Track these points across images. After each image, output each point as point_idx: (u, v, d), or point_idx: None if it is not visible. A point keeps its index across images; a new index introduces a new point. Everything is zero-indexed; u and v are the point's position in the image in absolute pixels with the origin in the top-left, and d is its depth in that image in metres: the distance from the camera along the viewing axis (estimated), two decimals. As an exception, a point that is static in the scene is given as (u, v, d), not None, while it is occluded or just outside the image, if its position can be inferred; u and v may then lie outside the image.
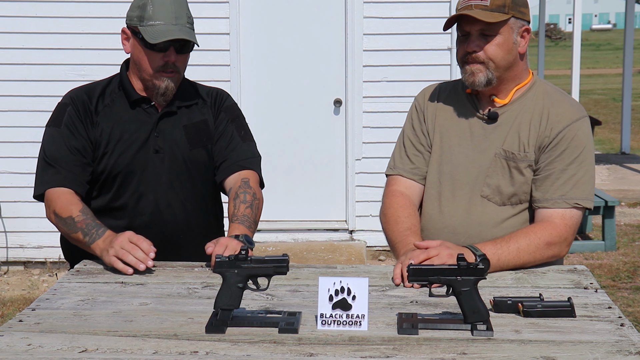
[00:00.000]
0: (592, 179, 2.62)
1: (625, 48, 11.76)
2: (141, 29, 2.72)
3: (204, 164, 2.89)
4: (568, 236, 2.57)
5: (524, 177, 2.62)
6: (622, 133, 12.19)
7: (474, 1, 2.57)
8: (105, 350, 1.89)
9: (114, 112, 2.84)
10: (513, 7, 2.57)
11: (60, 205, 2.71)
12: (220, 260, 2.05)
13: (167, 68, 2.76)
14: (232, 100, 3.02)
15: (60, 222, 2.71)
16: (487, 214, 2.64)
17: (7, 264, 6.61)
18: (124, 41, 2.82)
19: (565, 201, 2.57)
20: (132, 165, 2.81)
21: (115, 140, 2.80)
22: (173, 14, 2.74)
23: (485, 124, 2.68)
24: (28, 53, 6.43)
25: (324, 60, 6.61)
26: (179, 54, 2.78)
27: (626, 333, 1.98)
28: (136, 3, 2.77)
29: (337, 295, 2.02)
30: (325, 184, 6.75)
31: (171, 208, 2.85)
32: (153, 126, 2.83)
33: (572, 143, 2.59)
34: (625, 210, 8.60)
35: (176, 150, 2.84)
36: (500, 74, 2.61)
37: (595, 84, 24.12)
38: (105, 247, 2.55)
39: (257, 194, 2.82)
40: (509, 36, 2.59)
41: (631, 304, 5.60)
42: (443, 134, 2.73)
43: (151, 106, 2.84)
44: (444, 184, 2.71)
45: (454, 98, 2.76)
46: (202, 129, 2.89)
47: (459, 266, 2.01)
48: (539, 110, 2.64)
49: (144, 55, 2.75)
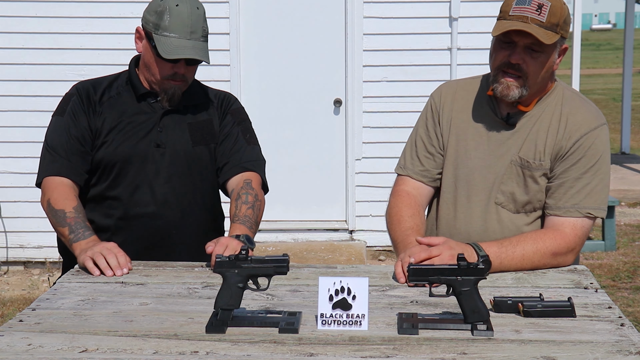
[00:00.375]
0: (606, 188, 2.58)
1: (625, 48, 11.75)
2: (155, 37, 2.72)
3: (205, 162, 2.89)
4: (576, 246, 2.55)
5: (539, 185, 2.59)
6: (622, 133, 12.18)
7: (529, 12, 2.44)
8: (106, 350, 1.89)
9: (119, 103, 2.85)
10: (564, 26, 2.49)
11: (56, 196, 2.72)
12: (221, 260, 2.05)
13: (176, 78, 2.78)
14: (239, 104, 3.03)
15: (51, 212, 2.72)
16: (502, 222, 2.62)
17: (7, 264, 6.61)
18: (137, 40, 2.82)
19: (578, 210, 2.55)
20: (131, 156, 2.81)
21: (116, 130, 2.81)
22: (189, 28, 2.71)
23: (503, 129, 2.63)
24: (28, 53, 6.42)
25: (324, 60, 6.61)
26: (188, 66, 2.79)
27: (626, 333, 1.98)
28: (154, 6, 2.75)
29: (337, 295, 2.02)
30: (325, 184, 6.75)
31: (167, 203, 2.83)
32: (157, 120, 2.84)
33: (589, 152, 2.55)
34: (625, 210, 8.60)
35: (178, 146, 2.84)
36: (532, 89, 2.55)
37: (595, 84, 24.11)
38: (85, 248, 2.57)
39: (259, 196, 2.82)
40: (552, 55, 2.52)
41: (631, 304, 5.60)
42: (459, 136, 2.69)
43: (157, 101, 2.86)
44: (460, 188, 2.68)
45: (472, 98, 2.71)
46: (207, 128, 2.89)
47: (459, 266, 2.00)
48: (557, 116, 2.59)
49: (154, 62, 2.77)
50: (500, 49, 2.53)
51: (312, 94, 6.66)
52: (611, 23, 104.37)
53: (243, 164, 2.88)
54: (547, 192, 2.60)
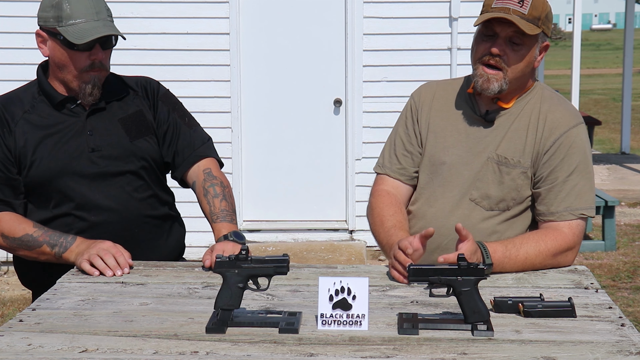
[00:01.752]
0: (593, 187, 2.61)
1: (625, 48, 11.76)
2: (61, 29, 2.58)
3: (148, 154, 2.77)
4: (575, 245, 2.56)
5: (515, 183, 2.60)
6: (622, 133, 12.19)
7: (512, 5, 2.50)
8: (106, 350, 1.88)
9: (36, 117, 2.68)
10: (545, 21, 2.54)
11: (8, 227, 2.61)
12: (221, 260, 2.05)
13: (94, 67, 2.64)
14: (164, 87, 2.90)
15: (14, 243, 2.61)
16: (472, 218, 2.63)
17: (7, 264, 6.60)
18: (40, 44, 2.66)
19: (571, 212, 2.56)
20: (68, 168, 2.66)
21: (43, 146, 2.66)
22: (93, 9, 2.59)
23: (482, 126, 2.66)
24: (28, 53, 6.41)
25: (324, 60, 6.61)
26: (104, 50, 2.65)
27: (627, 333, 1.98)
28: (48, 2, 2.61)
29: (338, 295, 2.02)
30: (325, 184, 6.75)
31: (122, 203, 2.72)
32: (83, 124, 2.70)
33: (570, 150, 2.57)
34: (625, 210, 8.59)
35: (116, 145, 2.71)
36: (512, 84, 2.58)
37: (595, 84, 24.11)
38: (80, 251, 2.53)
39: (223, 182, 2.79)
40: (533, 50, 2.56)
41: (631, 304, 5.60)
42: (438, 134, 2.71)
43: (77, 105, 2.70)
44: (436, 184, 2.69)
45: (452, 97, 2.74)
46: (140, 120, 2.77)
47: (459, 266, 2.01)
48: (537, 114, 2.62)
49: (67, 57, 2.61)
50: (482, 41, 2.57)
51: (312, 94, 6.65)
52: (611, 23, 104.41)
53: (195, 152, 2.80)
54: (537, 198, 2.61)
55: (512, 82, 2.57)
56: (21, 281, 2.88)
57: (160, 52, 6.40)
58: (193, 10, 6.47)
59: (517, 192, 2.61)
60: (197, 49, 6.45)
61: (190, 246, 3.22)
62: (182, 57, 6.41)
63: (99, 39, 2.60)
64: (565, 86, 8.06)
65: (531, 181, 2.61)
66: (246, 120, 6.61)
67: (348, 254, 6.38)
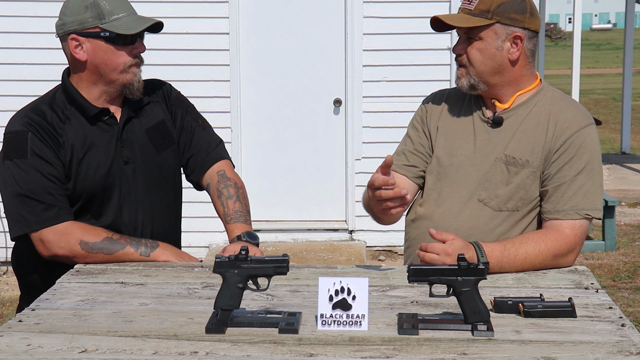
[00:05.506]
0: (600, 188, 2.61)
1: (626, 48, 11.76)
2: (106, 25, 2.58)
3: (172, 167, 2.82)
4: (576, 246, 2.56)
5: (523, 183, 2.60)
6: (622, 133, 12.19)
7: (465, 4, 2.62)
8: (105, 351, 1.88)
9: (74, 129, 2.66)
10: (500, 13, 2.56)
11: (87, 233, 2.60)
12: (220, 261, 2.05)
13: (137, 60, 2.66)
14: (175, 89, 2.91)
15: (95, 247, 2.59)
16: (480, 218, 2.63)
17: (7, 264, 6.60)
18: (76, 50, 2.61)
19: (577, 212, 2.55)
20: (107, 182, 2.68)
21: (86, 158, 2.65)
22: (126, 4, 2.65)
23: (490, 127, 2.67)
24: (28, 53, 6.42)
25: (323, 60, 6.61)
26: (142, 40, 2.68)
27: (627, 333, 1.98)
28: (78, 5, 2.60)
29: (337, 295, 2.02)
30: (325, 184, 6.75)
31: (151, 217, 2.76)
32: (117, 136, 2.70)
33: (580, 150, 2.57)
34: (625, 210, 8.60)
35: (146, 157, 2.74)
36: (485, 79, 2.61)
37: (595, 84, 24.11)
38: (173, 253, 2.64)
39: (237, 183, 2.80)
40: (492, 42, 2.58)
41: (631, 304, 5.60)
42: (447, 136, 2.72)
43: (111, 116, 2.70)
44: (444, 185, 2.70)
45: (462, 101, 2.76)
46: (164, 131, 2.79)
47: (459, 266, 2.00)
48: (546, 116, 2.62)
49: (111, 54, 2.61)
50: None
51: (312, 94, 6.65)
52: (611, 23, 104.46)
53: (209, 155, 2.82)
54: (544, 196, 2.61)
55: (483, 76, 2.61)
56: (20, 285, 2.87)
57: (160, 51, 6.40)
58: (193, 10, 6.47)
59: (525, 192, 2.61)
60: (196, 48, 6.45)
61: (190, 246, 3.23)
62: (181, 57, 6.41)
63: (140, 32, 2.62)
64: (565, 86, 8.05)
65: (540, 181, 2.61)
66: (246, 120, 6.61)
67: (348, 254, 6.38)
